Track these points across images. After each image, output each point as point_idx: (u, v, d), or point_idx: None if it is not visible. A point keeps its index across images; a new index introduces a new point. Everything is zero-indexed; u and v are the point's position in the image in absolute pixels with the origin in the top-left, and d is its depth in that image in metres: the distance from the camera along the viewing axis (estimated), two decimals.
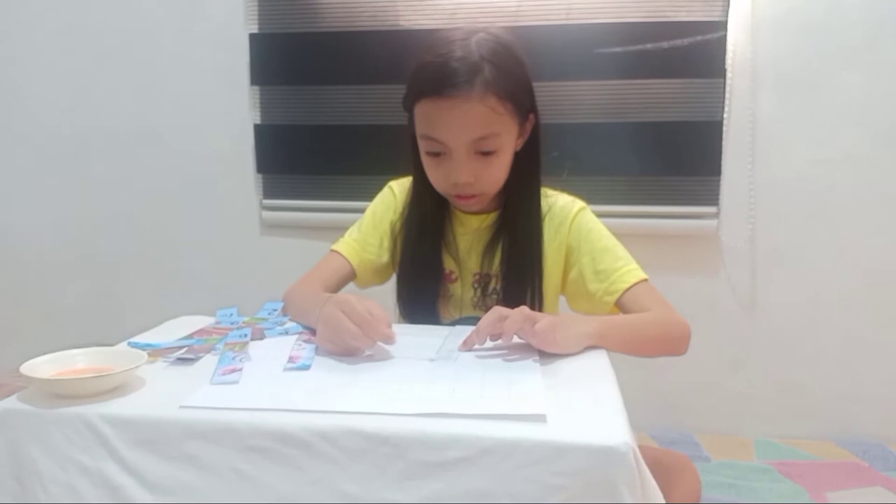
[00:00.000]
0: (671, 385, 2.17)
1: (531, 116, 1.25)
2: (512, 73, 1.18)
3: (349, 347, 0.99)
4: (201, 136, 2.40)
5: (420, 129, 1.20)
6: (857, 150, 2.08)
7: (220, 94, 2.37)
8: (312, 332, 1.09)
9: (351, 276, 1.35)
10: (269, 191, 2.40)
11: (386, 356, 1.00)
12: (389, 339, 0.98)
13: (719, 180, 2.14)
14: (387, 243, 1.37)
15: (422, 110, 1.18)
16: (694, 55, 2.10)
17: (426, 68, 1.17)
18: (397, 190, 1.40)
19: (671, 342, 1.19)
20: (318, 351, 1.01)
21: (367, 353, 1.00)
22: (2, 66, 2.45)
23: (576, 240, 1.29)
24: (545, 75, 2.02)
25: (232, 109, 2.35)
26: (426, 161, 1.23)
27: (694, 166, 2.16)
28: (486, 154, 1.18)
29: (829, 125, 2.09)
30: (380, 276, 1.39)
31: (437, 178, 1.23)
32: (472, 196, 1.23)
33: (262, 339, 1.08)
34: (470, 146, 1.17)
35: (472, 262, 1.33)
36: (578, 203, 1.33)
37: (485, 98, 1.13)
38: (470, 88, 1.13)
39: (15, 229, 2.53)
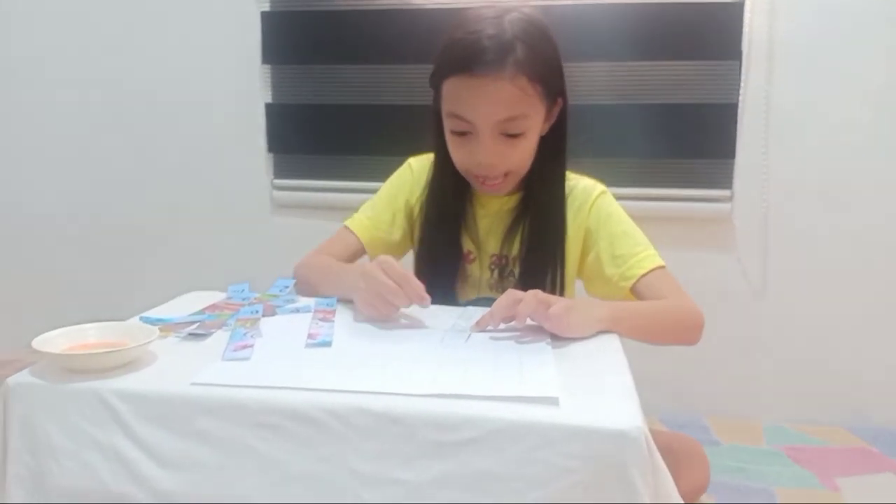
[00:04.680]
0: (681, 368, 2.17)
1: (559, 100, 1.23)
2: (544, 54, 1.16)
3: (386, 306, 1.02)
4: (212, 115, 2.39)
5: (447, 107, 1.18)
6: (872, 134, 2.06)
7: (231, 72, 2.36)
8: (330, 310, 1.10)
9: (361, 253, 1.35)
10: (281, 170, 2.40)
11: (414, 327, 1.03)
12: (424, 301, 1.02)
13: (733, 163, 2.12)
14: (399, 221, 1.36)
15: (450, 88, 1.16)
16: (709, 37, 2.07)
17: (457, 45, 1.14)
18: (416, 167, 1.38)
19: (683, 331, 1.19)
20: (335, 328, 1.01)
21: (402, 320, 1.04)
22: (15, 43, 2.45)
23: (595, 223, 1.28)
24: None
25: (243, 88, 2.35)
26: (451, 139, 1.22)
27: (708, 149, 2.14)
28: (513, 136, 1.17)
29: (844, 109, 2.06)
30: (392, 252, 1.39)
31: (461, 157, 1.22)
32: (495, 180, 1.22)
33: (273, 315, 1.08)
34: (496, 127, 1.15)
35: (491, 244, 1.32)
36: (599, 187, 1.32)
37: (515, 78, 1.11)
38: (501, 68, 1.10)
39: (26, 205, 2.54)
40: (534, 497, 0.72)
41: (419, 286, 1.02)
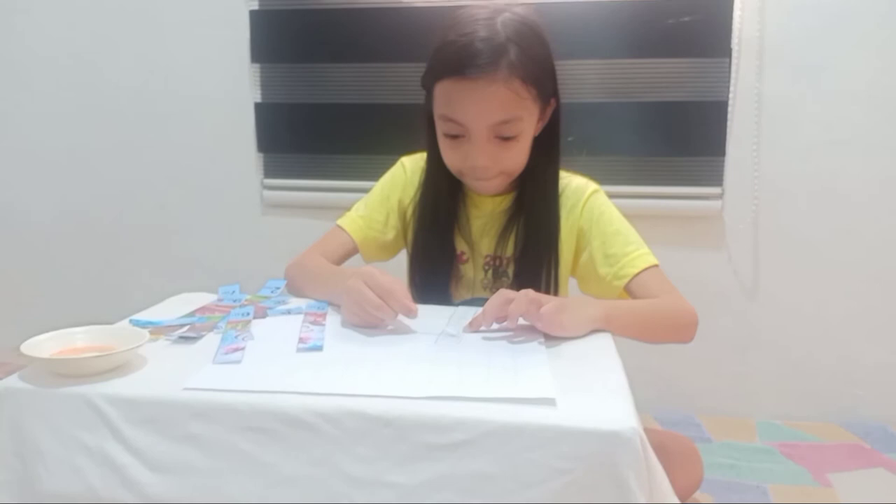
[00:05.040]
0: (673, 366, 2.17)
1: (552, 101, 1.23)
2: (537, 55, 1.15)
3: (372, 319, 1.00)
4: (201, 114, 2.38)
5: (439, 110, 1.17)
6: (864, 132, 2.06)
7: (220, 72, 2.34)
8: (320, 313, 1.09)
9: (353, 252, 1.34)
10: (271, 170, 2.38)
11: (406, 330, 1.01)
12: (411, 312, 1.00)
13: (723, 161, 2.12)
14: (393, 221, 1.35)
15: (442, 90, 1.15)
16: (699, 34, 2.07)
17: (449, 47, 1.13)
18: (409, 166, 1.38)
19: (677, 330, 1.19)
20: (327, 331, 1.01)
21: (389, 326, 1.02)
22: (3, 44, 2.43)
23: (588, 222, 1.28)
24: None
25: (232, 87, 2.33)
26: (443, 142, 1.21)
27: (698, 147, 2.14)
28: (506, 139, 1.16)
29: (836, 106, 2.06)
30: (385, 252, 1.38)
31: (454, 159, 1.21)
32: (488, 180, 1.21)
33: (264, 317, 1.08)
34: (490, 130, 1.14)
35: (485, 245, 1.32)
36: (592, 185, 1.32)
37: (509, 81, 1.11)
38: (494, 70, 1.10)
39: (15, 208, 2.52)
40: (528, 498, 0.71)
41: (405, 297, 1.00)
